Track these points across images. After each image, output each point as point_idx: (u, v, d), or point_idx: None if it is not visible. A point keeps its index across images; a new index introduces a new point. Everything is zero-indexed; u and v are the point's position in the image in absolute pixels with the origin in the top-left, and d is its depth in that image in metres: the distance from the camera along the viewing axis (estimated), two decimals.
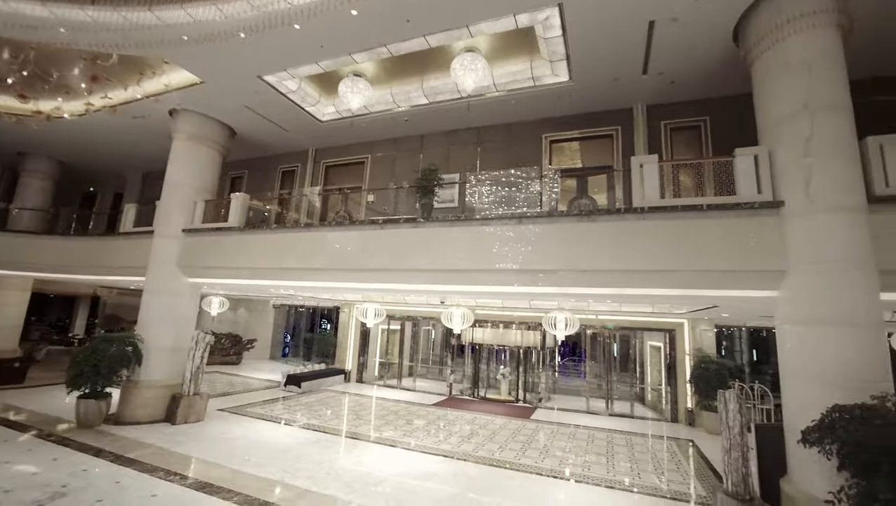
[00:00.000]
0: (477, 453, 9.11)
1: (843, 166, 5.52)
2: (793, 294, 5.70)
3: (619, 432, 11.88)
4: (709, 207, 6.22)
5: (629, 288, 6.58)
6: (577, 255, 6.78)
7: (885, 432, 4.09)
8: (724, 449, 5.88)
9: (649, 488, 7.62)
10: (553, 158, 10.66)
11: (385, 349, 19.60)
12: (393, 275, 8.27)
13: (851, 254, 5.26)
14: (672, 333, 13.77)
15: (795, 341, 5.58)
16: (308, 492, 6.51)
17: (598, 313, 13.84)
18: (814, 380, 5.26)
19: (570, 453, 9.58)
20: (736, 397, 5.85)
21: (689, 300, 7.73)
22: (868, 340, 5.08)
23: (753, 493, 5.71)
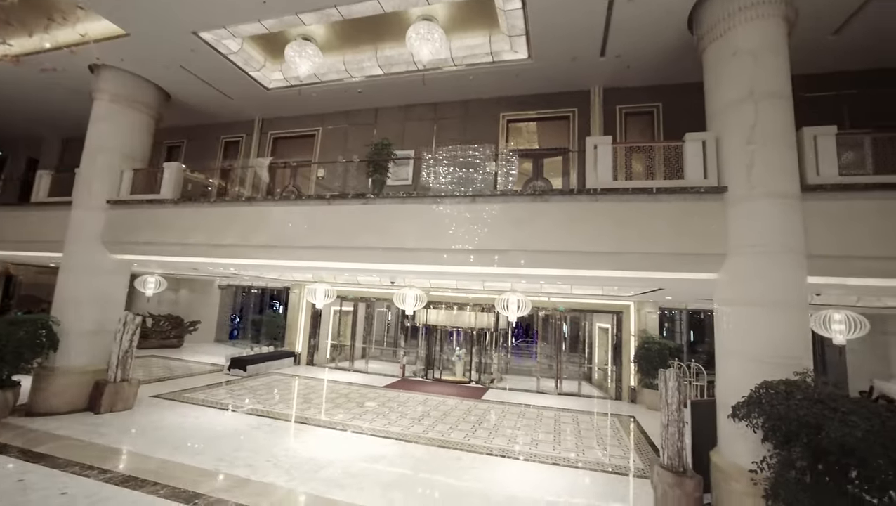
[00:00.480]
0: (427, 435, 9.05)
1: (782, 154, 5.72)
2: (731, 277, 5.92)
3: (567, 410, 12.26)
4: (658, 190, 6.30)
5: (580, 270, 6.61)
6: (529, 235, 6.70)
7: (804, 406, 4.31)
8: (663, 425, 6.10)
9: (593, 464, 7.87)
10: (510, 138, 10.52)
11: (337, 331, 19.13)
12: (341, 253, 7.88)
13: (784, 239, 5.50)
14: (619, 315, 14.30)
15: (731, 322, 5.82)
16: (245, 481, 6.16)
17: (550, 296, 14.09)
18: (746, 358, 5.51)
19: (519, 432, 9.75)
20: (675, 376, 6.06)
21: (637, 283, 7.92)
22: (794, 320, 5.37)
23: (686, 465, 5.98)
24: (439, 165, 9.30)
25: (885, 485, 3.92)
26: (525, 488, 6.58)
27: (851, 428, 3.94)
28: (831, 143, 5.96)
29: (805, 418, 4.25)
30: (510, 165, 9.06)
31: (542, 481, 6.91)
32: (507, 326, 17.85)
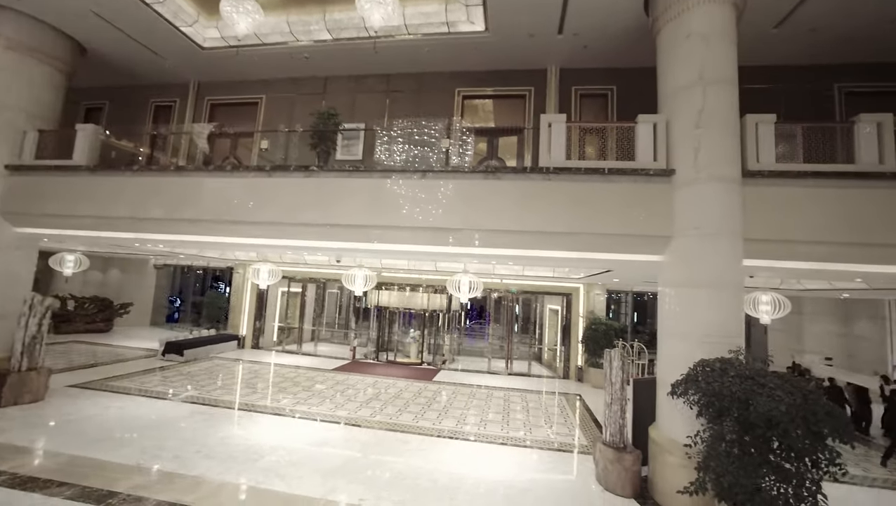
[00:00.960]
0: (374, 418, 8.83)
1: (727, 140, 5.84)
2: (675, 259, 6.05)
3: (517, 390, 12.47)
4: (610, 171, 6.29)
5: (532, 250, 6.53)
6: (482, 214, 6.51)
7: (736, 383, 4.47)
8: (606, 403, 6.23)
9: (539, 442, 8.00)
10: (465, 115, 10.22)
11: (285, 313, 18.35)
12: (282, 230, 7.34)
13: (726, 222, 5.65)
14: (569, 297, 14.64)
15: (673, 303, 5.97)
16: (170, 475, 5.67)
17: (502, 278, 14.15)
18: (685, 337, 5.67)
19: (469, 412, 9.76)
20: (620, 356, 6.18)
21: (587, 263, 7.99)
22: (731, 301, 5.57)
23: (627, 441, 6.16)
24: (393, 143, 8.86)
25: (802, 453, 4.14)
26: (472, 469, 6.54)
27: (777, 403, 4.12)
28: (770, 131, 6.17)
29: (737, 393, 4.41)
30: (465, 144, 8.79)
31: (489, 461, 6.91)
32: (460, 308, 17.86)
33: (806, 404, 4.14)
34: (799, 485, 4.06)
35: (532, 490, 5.95)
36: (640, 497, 5.87)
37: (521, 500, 5.65)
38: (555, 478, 6.41)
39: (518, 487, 6.04)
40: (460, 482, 6.06)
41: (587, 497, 5.84)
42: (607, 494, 5.96)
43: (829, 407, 4.25)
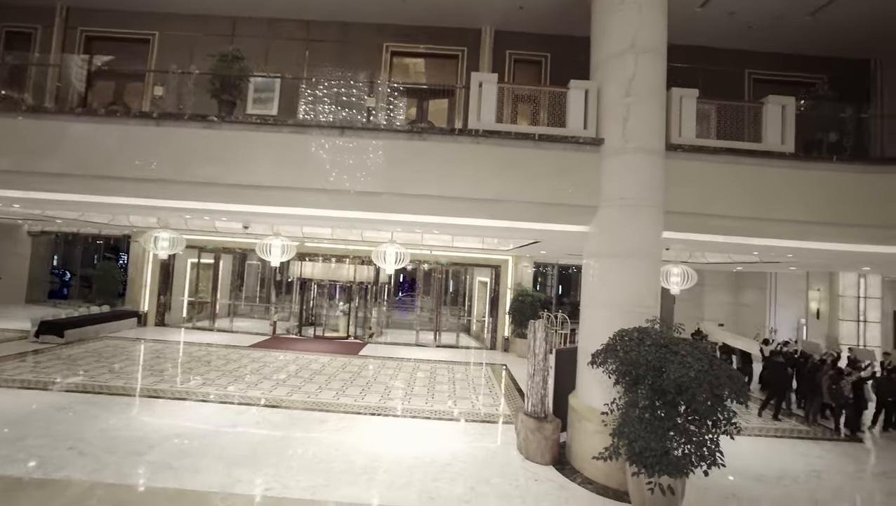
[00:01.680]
0: (291, 397, 8.22)
1: (654, 111, 5.83)
2: (600, 229, 6.04)
3: (444, 362, 12.42)
4: (540, 137, 6.05)
5: (458, 217, 6.20)
6: (405, 177, 6.01)
7: (652, 351, 4.55)
8: (529, 374, 6.21)
9: (464, 414, 7.93)
10: (394, 73, 9.47)
11: (196, 286, 16.65)
12: (174, 189, 6.28)
13: (650, 194, 5.69)
14: (498, 269, 14.76)
15: (596, 273, 5.99)
16: (26, 482, 4.71)
17: (432, 249, 13.85)
18: (606, 307, 5.73)
19: (394, 387, 9.47)
20: (544, 327, 6.14)
21: (516, 233, 7.86)
22: (649, 272, 5.69)
23: (548, 410, 6.23)
24: (317, 102, 7.89)
25: (705, 415, 4.32)
26: (394, 446, 6.27)
27: (688, 369, 4.22)
28: (693, 105, 6.28)
29: (652, 362, 4.48)
30: (393, 105, 8.10)
31: (412, 437, 6.68)
32: (389, 280, 17.40)
33: (712, 369, 4.29)
34: (701, 445, 4.24)
35: (453, 464, 5.81)
36: (559, 463, 5.98)
37: (441, 475, 5.49)
38: (477, 450, 6.34)
39: (439, 461, 5.88)
40: (379, 462, 5.76)
41: (508, 467, 5.83)
42: (528, 462, 6.00)
43: (730, 371, 4.46)
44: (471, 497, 5.01)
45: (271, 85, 8.86)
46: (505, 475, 5.60)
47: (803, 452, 7.25)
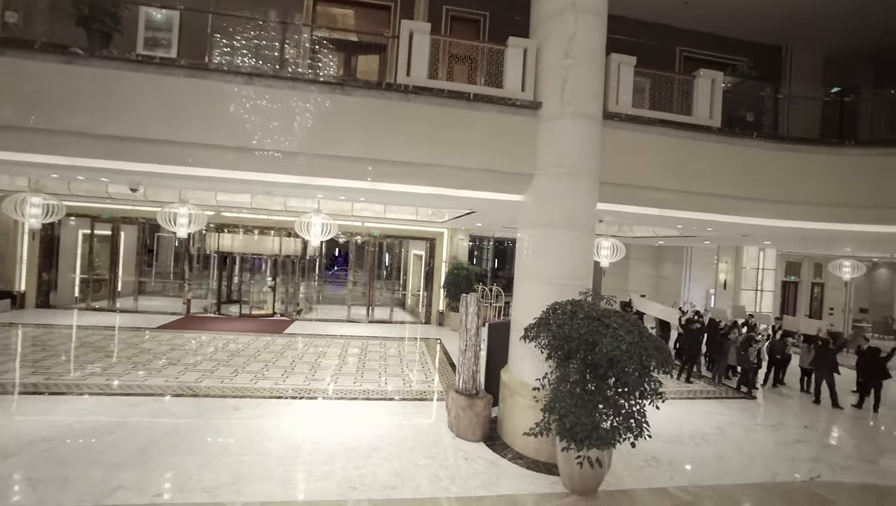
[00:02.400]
0: (201, 384, 7.34)
1: (593, 75, 5.57)
2: (535, 198, 5.78)
3: (376, 337, 11.96)
4: (476, 97, 5.58)
5: (385, 182, 5.63)
6: (325, 137, 5.29)
7: (585, 325, 4.41)
8: (461, 350, 5.95)
9: (394, 393, 7.58)
10: (320, 21, 8.44)
11: (90, 262, 14.51)
12: (26, 139, 5.03)
13: (585, 162, 5.49)
14: (433, 241, 14.38)
15: (530, 244, 5.76)
16: None
17: (364, 220, 13.10)
18: (540, 279, 5.54)
19: (321, 366, 8.87)
20: (476, 301, 5.85)
21: (448, 202, 7.44)
22: (584, 244, 5.55)
23: (479, 386, 6.03)
24: (235, 55, 6.69)
25: (633, 387, 4.28)
26: (316, 432, 5.76)
27: (619, 342, 4.12)
28: (630, 73, 6.13)
29: (585, 335, 4.34)
30: (317, 60, 7.14)
31: (337, 421, 6.21)
32: (320, 254, 16.42)
33: (642, 341, 4.23)
34: (629, 416, 4.21)
35: (379, 448, 5.44)
36: (490, 439, 5.84)
37: (366, 461, 5.10)
38: (407, 431, 6.02)
39: (365, 446, 5.48)
40: (298, 451, 5.23)
41: (437, 447, 5.58)
42: (458, 440, 5.79)
43: (657, 342, 4.44)
44: (396, 483, 4.68)
45: (169, 22, 7.49)
46: (434, 456, 5.33)
47: (711, 410, 7.81)
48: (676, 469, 5.47)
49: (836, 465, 6.01)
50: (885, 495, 5.39)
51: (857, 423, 7.88)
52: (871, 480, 5.69)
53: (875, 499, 5.27)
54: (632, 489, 4.91)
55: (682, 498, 4.82)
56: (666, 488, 5.01)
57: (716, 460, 5.83)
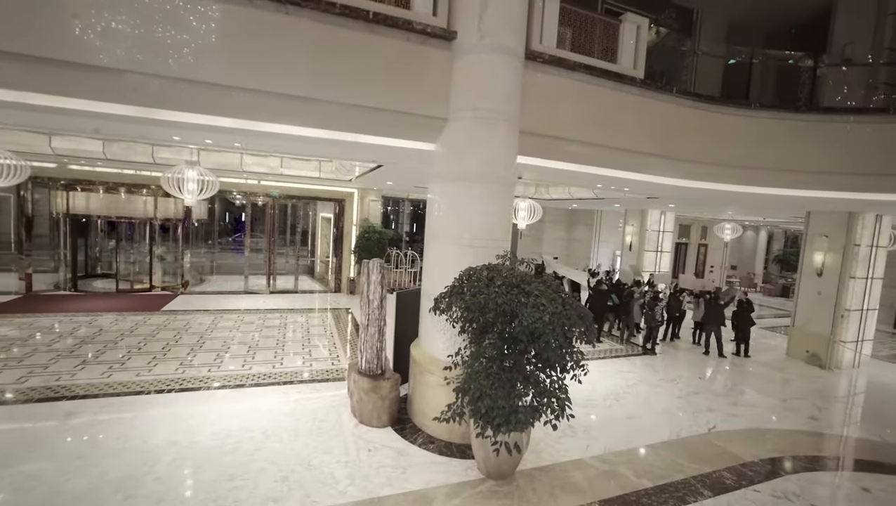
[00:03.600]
0: (25, 385, 5.66)
1: (515, 2, 4.74)
2: (448, 147, 4.96)
3: (277, 310, 10.63)
4: (376, 17, 4.46)
5: (255, 120, 4.39)
6: (166, 53, 3.85)
7: (502, 293, 3.79)
8: (363, 325, 5.10)
9: (291, 375, 6.56)
10: None
11: None
12: None
13: (505, 105, 4.75)
14: (342, 203, 13.07)
15: (442, 200, 4.98)
16: None
17: (260, 178, 11.36)
18: (453, 241, 4.83)
19: (202, 349, 7.49)
20: (379, 267, 4.98)
21: (344, 150, 6.24)
22: (502, 200, 4.90)
23: (385, 365, 5.28)
24: None
25: (555, 361, 3.81)
26: (182, 436, 4.61)
27: (542, 313, 3.57)
28: (556, 9, 5.40)
29: (503, 306, 3.72)
30: None
31: (214, 417, 5.09)
32: (214, 217, 14.24)
33: (565, 310, 3.72)
34: (550, 395, 3.74)
35: (265, 448, 4.50)
36: (399, 423, 5.18)
37: (245, 469, 4.14)
38: (301, 422, 5.11)
39: (247, 446, 4.50)
40: (152, 465, 4.09)
41: (336, 439, 4.78)
42: (362, 428, 5.04)
43: (580, 310, 3.98)
44: (280, 493, 3.82)
45: None
46: (331, 451, 4.53)
47: (619, 369, 7.98)
48: (592, 436, 5.30)
49: (727, 413, 6.35)
50: (765, 436, 5.75)
51: (736, 370, 8.60)
52: (755, 424, 6.08)
53: (759, 440, 5.59)
54: (549, 465, 4.59)
55: (598, 468, 4.61)
56: (583, 458, 4.78)
57: (627, 422, 5.81)
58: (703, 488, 4.38)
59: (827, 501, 4.42)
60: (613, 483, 4.35)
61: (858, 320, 9.38)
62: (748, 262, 22.94)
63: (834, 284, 9.16)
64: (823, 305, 9.30)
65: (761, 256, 23.23)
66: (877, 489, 4.73)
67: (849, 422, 6.55)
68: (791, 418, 6.46)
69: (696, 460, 4.94)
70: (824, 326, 9.25)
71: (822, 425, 6.35)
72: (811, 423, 6.36)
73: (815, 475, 4.88)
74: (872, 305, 9.62)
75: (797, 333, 9.74)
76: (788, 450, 5.46)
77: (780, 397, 7.22)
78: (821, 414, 6.73)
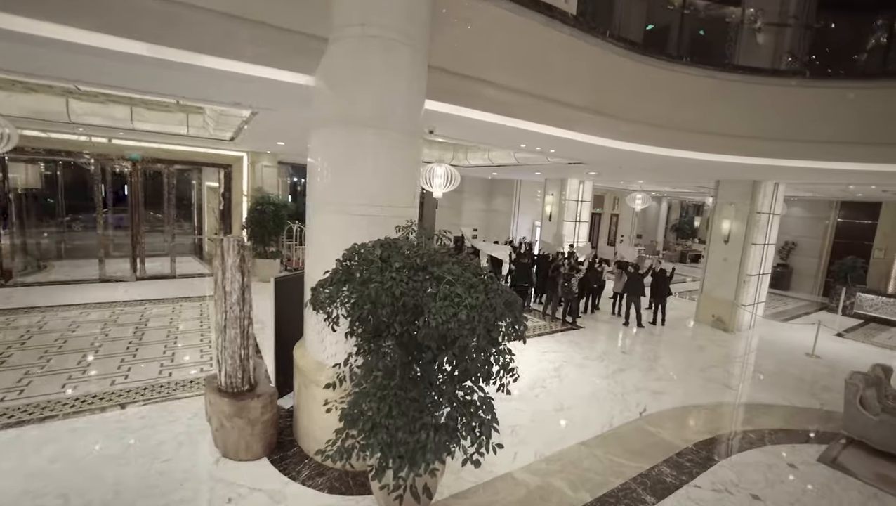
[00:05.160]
0: None
1: None
2: (328, 80, 3.61)
3: (142, 302, 8.54)
4: None
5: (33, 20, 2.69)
6: None
7: (404, 281, 2.67)
8: (219, 326, 3.69)
9: (139, 393, 4.92)
10: None
11: None
12: None
13: (406, 25, 3.50)
14: (229, 169, 10.94)
15: (325, 153, 3.68)
16: None
17: (111, 136, 8.88)
18: (340, 207, 3.57)
19: (11, 364, 5.45)
20: (237, 247, 3.56)
21: (188, 82, 4.47)
22: (405, 152, 3.71)
23: (257, 378, 3.94)
24: None
25: (474, 372, 2.80)
26: None
27: (457, 307, 2.50)
28: None
29: (403, 298, 2.60)
30: None
31: (7, 464, 3.41)
32: (55, 185, 11.25)
33: (488, 299, 2.70)
34: (472, 418, 2.74)
35: None
36: (279, 450, 3.94)
37: None
38: (137, 466, 3.64)
39: None
40: None
41: (188, 486, 3.43)
42: (226, 463, 3.72)
43: (507, 295, 2.98)
44: None
45: None
46: None
47: (545, 349, 7.41)
48: (520, 439, 4.52)
49: (653, 391, 6.02)
50: (692, 415, 5.48)
51: (655, 339, 8.54)
52: (680, 400, 5.81)
53: (688, 421, 5.28)
54: (472, 488, 3.68)
55: (530, 484, 3.81)
56: (511, 472, 3.95)
57: (557, 415, 5.14)
58: (646, 493, 3.79)
59: (763, 485, 4.09)
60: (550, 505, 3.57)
61: (755, 284, 9.87)
62: (651, 231, 24.45)
63: (738, 250, 9.45)
64: (729, 271, 9.60)
65: (662, 225, 24.90)
66: (799, 463, 4.56)
67: (757, 388, 6.60)
68: (711, 389, 6.33)
69: (634, 455, 4.38)
70: (729, 291, 9.57)
71: (738, 393, 6.30)
72: (728, 393, 6.27)
73: (744, 456, 4.60)
74: (766, 269, 10.19)
75: (705, 299, 10.03)
76: (715, 428, 5.20)
77: (698, 367, 7.15)
78: (733, 381, 6.74)
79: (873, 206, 14.08)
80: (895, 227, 13.64)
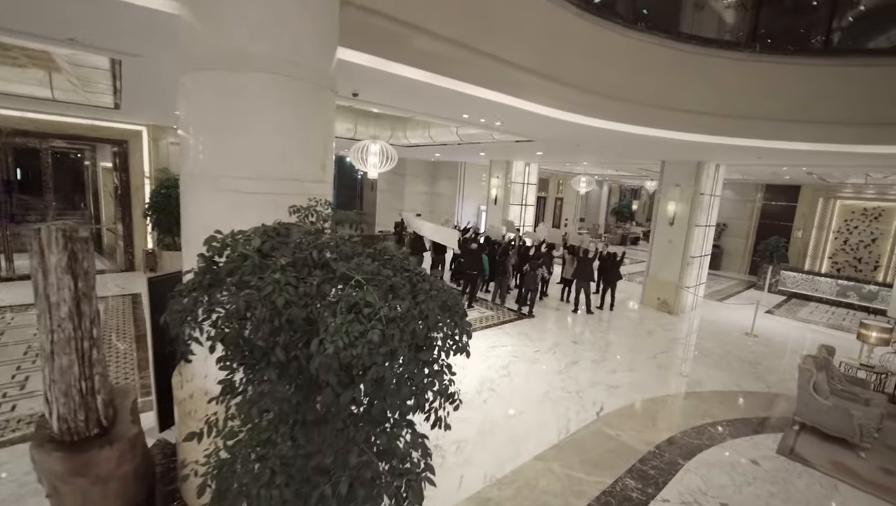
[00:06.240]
0: None
1: None
2: (199, 4, 2.59)
3: (5, 308, 6.90)
4: None
5: None
6: None
7: (291, 285, 1.83)
8: (44, 354, 2.62)
9: None
10: None
11: None
12: None
13: None
14: (124, 146, 9.21)
15: (199, 108, 2.68)
16: None
17: None
18: (216, 183, 2.61)
19: None
20: (62, 242, 2.49)
21: None
22: (309, 106, 2.79)
23: (112, 416, 2.90)
24: None
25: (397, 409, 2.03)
26: None
27: (366, 325, 1.69)
28: None
29: (288, 310, 1.75)
30: None
31: None
32: None
33: (417, 305, 1.92)
34: (398, 475, 1.97)
35: None
36: None
37: None
38: None
39: None
40: None
41: None
42: None
43: (444, 296, 2.19)
44: None
45: None
46: None
47: (493, 343, 6.84)
48: (467, 457, 3.85)
49: (608, 386, 5.63)
50: (649, 411, 5.13)
51: (605, 326, 8.28)
52: (636, 394, 5.46)
53: (646, 419, 4.91)
54: None
55: None
56: (456, 504, 3.27)
57: (508, 422, 4.54)
58: None
59: (731, 491, 3.73)
60: None
61: (698, 266, 9.94)
62: (592, 215, 24.92)
63: (683, 232, 9.40)
64: (673, 253, 9.55)
65: (604, 209, 25.46)
66: (761, 458, 4.30)
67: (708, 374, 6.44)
68: (664, 377, 6.08)
69: (595, 467, 3.86)
70: (674, 273, 9.54)
71: (690, 381, 6.08)
72: (681, 381, 6.05)
73: (707, 455, 4.27)
74: (707, 250, 10.31)
75: (651, 282, 9.97)
76: (674, 423, 4.86)
77: (649, 354, 6.91)
78: (685, 367, 6.55)
79: (794, 188, 14.94)
80: (812, 208, 14.57)
